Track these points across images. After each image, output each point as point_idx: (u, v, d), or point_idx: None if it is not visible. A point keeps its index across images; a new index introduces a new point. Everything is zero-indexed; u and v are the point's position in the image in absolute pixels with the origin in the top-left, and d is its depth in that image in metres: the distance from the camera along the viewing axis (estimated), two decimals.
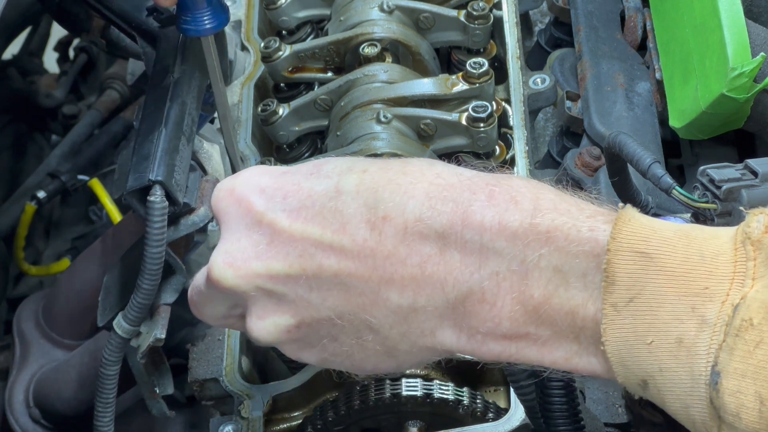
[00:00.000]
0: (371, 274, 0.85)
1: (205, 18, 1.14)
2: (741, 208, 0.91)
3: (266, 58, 1.46)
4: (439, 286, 0.84)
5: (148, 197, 1.12)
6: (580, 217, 0.82)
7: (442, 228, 0.83)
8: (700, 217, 1.03)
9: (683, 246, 0.78)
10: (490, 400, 1.23)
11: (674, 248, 0.78)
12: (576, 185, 1.31)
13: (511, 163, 1.36)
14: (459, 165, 0.89)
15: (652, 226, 0.80)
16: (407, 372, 1.22)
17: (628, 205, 0.81)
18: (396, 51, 1.44)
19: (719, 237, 0.78)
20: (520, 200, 0.83)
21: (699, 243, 0.78)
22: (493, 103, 1.37)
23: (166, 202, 1.12)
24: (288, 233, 0.88)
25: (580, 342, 0.82)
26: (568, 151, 1.39)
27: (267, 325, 0.90)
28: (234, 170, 1.28)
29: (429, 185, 0.85)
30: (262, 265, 0.88)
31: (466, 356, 0.87)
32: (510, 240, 0.82)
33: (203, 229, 1.21)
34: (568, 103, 1.41)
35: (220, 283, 0.90)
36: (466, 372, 1.26)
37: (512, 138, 1.37)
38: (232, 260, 0.89)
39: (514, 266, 0.82)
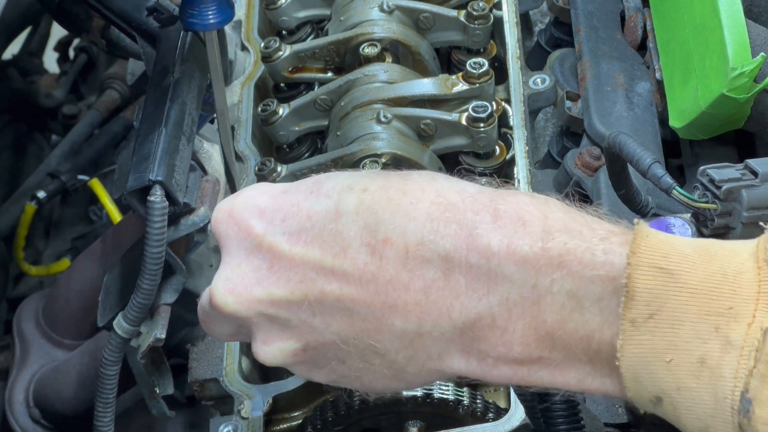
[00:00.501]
0: (373, 300, 0.83)
1: (210, 12, 1.13)
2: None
3: (266, 58, 1.46)
4: (445, 311, 0.82)
5: (148, 197, 1.12)
6: (592, 239, 0.79)
7: (445, 252, 0.81)
8: (700, 217, 1.03)
9: (704, 263, 0.76)
10: (490, 400, 1.23)
11: (695, 265, 0.76)
12: (581, 196, 1.30)
13: (511, 163, 1.36)
14: (462, 177, 0.87)
15: (670, 241, 0.78)
16: None
17: (642, 221, 0.80)
18: (396, 51, 1.44)
19: (739, 253, 0.77)
20: (528, 221, 0.81)
21: (720, 260, 0.76)
22: (493, 103, 1.37)
23: (166, 202, 1.12)
24: (288, 257, 0.86)
25: (594, 364, 0.80)
26: (568, 151, 1.39)
27: (272, 350, 0.88)
28: (228, 167, 1.28)
29: (430, 205, 0.83)
30: (263, 292, 0.87)
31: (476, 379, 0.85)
32: (520, 265, 0.80)
33: (203, 229, 1.21)
34: (568, 103, 1.41)
35: (222, 309, 0.88)
36: None
37: (512, 138, 1.37)
38: (233, 287, 0.88)
39: (526, 292, 0.80)
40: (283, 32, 1.53)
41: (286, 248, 0.86)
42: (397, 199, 0.84)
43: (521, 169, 1.33)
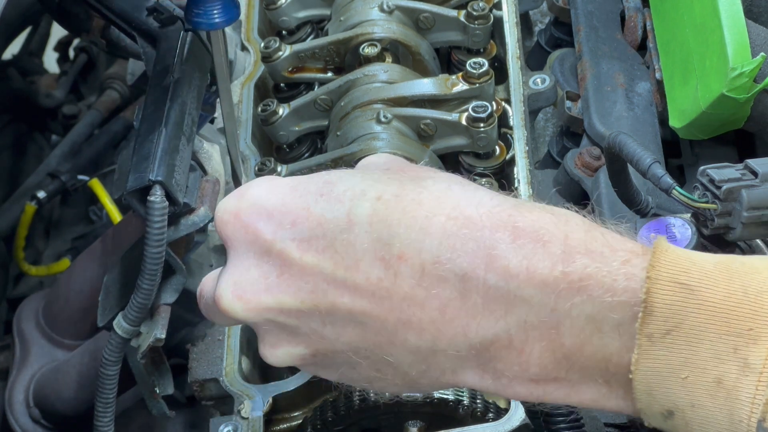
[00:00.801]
0: (387, 316, 0.82)
1: (215, 12, 1.13)
2: None
3: (266, 58, 1.46)
4: (461, 330, 0.80)
5: (148, 197, 1.12)
6: (613, 262, 0.78)
7: (462, 271, 0.79)
8: (700, 217, 1.03)
9: (725, 280, 0.75)
10: (490, 400, 1.23)
11: (716, 282, 0.75)
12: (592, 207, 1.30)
13: (511, 163, 1.36)
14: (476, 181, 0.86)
15: (690, 257, 0.77)
16: None
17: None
18: (396, 51, 1.45)
19: (761, 271, 0.76)
20: (548, 241, 0.79)
21: (741, 277, 0.76)
22: (493, 103, 1.37)
23: (166, 202, 1.12)
24: (299, 266, 0.84)
25: (610, 385, 0.80)
26: (568, 151, 1.39)
27: (280, 353, 0.87)
28: (234, 169, 1.28)
29: (446, 220, 0.81)
30: (273, 299, 0.85)
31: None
32: (539, 288, 0.78)
33: (203, 229, 1.21)
34: (568, 103, 1.41)
35: (229, 314, 0.87)
36: None
37: (512, 138, 1.37)
38: (242, 293, 0.86)
39: (544, 315, 0.78)
40: (283, 32, 1.53)
41: (297, 255, 0.84)
42: (413, 210, 0.82)
43: (521, 169, 1.33)
